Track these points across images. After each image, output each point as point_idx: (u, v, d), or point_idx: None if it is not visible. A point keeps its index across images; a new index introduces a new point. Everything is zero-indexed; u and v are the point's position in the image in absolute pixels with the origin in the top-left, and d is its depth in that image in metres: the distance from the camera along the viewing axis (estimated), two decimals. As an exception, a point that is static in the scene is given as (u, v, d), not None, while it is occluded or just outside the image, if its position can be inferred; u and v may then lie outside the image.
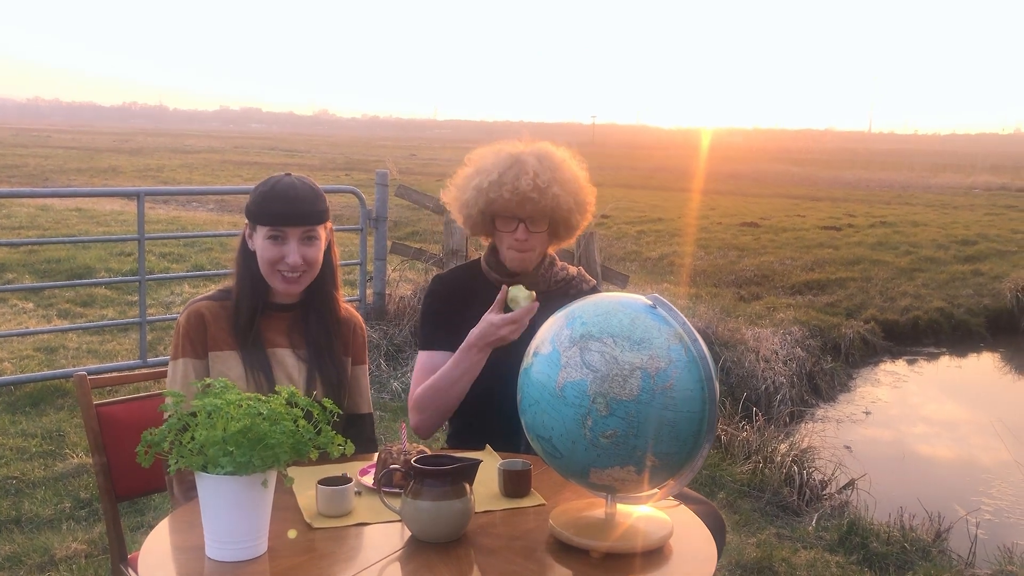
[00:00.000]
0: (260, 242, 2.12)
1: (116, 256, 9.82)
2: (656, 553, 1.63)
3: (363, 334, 2.35)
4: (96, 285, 8.11)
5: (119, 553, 2.24)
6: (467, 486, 1.67)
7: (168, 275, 8.52)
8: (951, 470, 6.18)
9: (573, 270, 2.53)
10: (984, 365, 9.53)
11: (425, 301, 2.48)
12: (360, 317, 2.37)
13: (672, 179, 31.06)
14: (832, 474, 4.94)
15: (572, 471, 1.63)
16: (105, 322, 6.86)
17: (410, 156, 42.91)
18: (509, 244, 2.37)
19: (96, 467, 2.25)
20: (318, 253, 2.15)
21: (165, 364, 2.21)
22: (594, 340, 1.56)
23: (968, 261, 13.20)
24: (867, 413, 7.26)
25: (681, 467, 1.60)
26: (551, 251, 2.51)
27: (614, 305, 1.62)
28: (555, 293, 2.42)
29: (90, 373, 2.35)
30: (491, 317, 2.21)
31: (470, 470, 1.69)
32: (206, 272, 8.79)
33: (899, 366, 8.88)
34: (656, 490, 1.69)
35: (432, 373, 2.32)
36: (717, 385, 1.59)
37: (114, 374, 5.31)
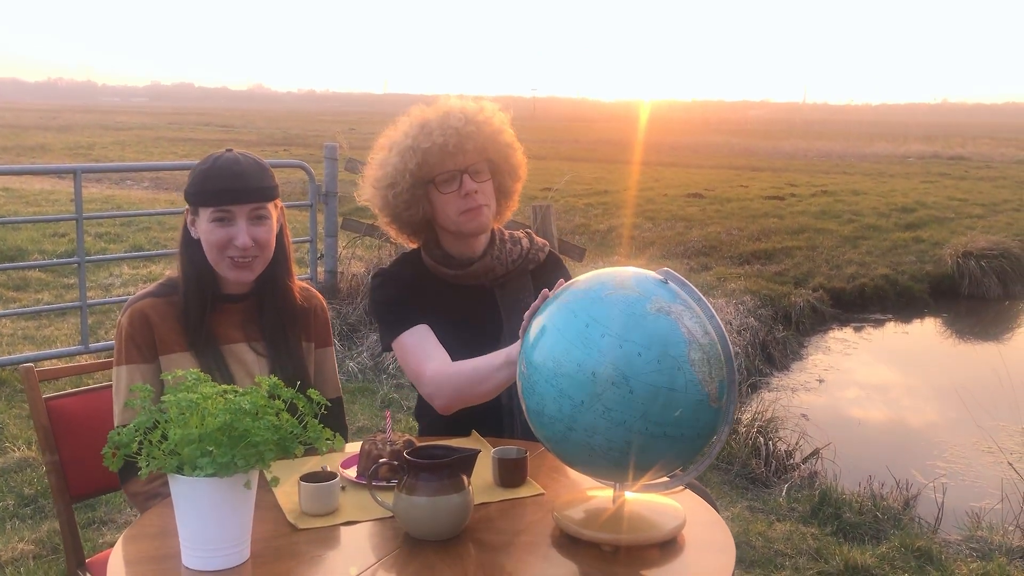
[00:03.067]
0: (204, 226, 1.92)
1: (50, 237, 9.42)
2: (671, 544, 1.53)
3: (325, 315, 2.19)
4: (30, 268, 7.76)
5: (75, 559, 2.07)
6: (465, 478, 1.55)
7: (107, 256, 8.18)
8: (905, 435, 6.25)
9: (524, 238, 2.28)
10: (928, 330, 9.71)
11: (376, 294, 2.21)
12: (322, 298, 2.20)
13: (615, 151, 31.04)
14: (796, 443, 4.93)
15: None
16: (42, 307, 6.55)
17: (350, 130, 42.15)
18: (458, 207, 2.10)
19: (48, 466, 2.07)
20: (269, 234, 1.96)
21: (108, 349, 2.02)
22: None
23: (909, 228, 13.42)
24: (820, 381, 7.31)
25: (696, 453, 1.50)
26: (496, 226, 2.27)
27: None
28: (515, 273, 2.23)
29: (31, 360, 2.16)
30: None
31: (468, 461, 1.56)
32: (146, 252, 8.47)
33: (848, 333, 8.97)
34: (667, 478, 1.59)
35: (425, 347, 2.06)
36: (735, 364, 1.49)
37: (59, 363, 5.04)
